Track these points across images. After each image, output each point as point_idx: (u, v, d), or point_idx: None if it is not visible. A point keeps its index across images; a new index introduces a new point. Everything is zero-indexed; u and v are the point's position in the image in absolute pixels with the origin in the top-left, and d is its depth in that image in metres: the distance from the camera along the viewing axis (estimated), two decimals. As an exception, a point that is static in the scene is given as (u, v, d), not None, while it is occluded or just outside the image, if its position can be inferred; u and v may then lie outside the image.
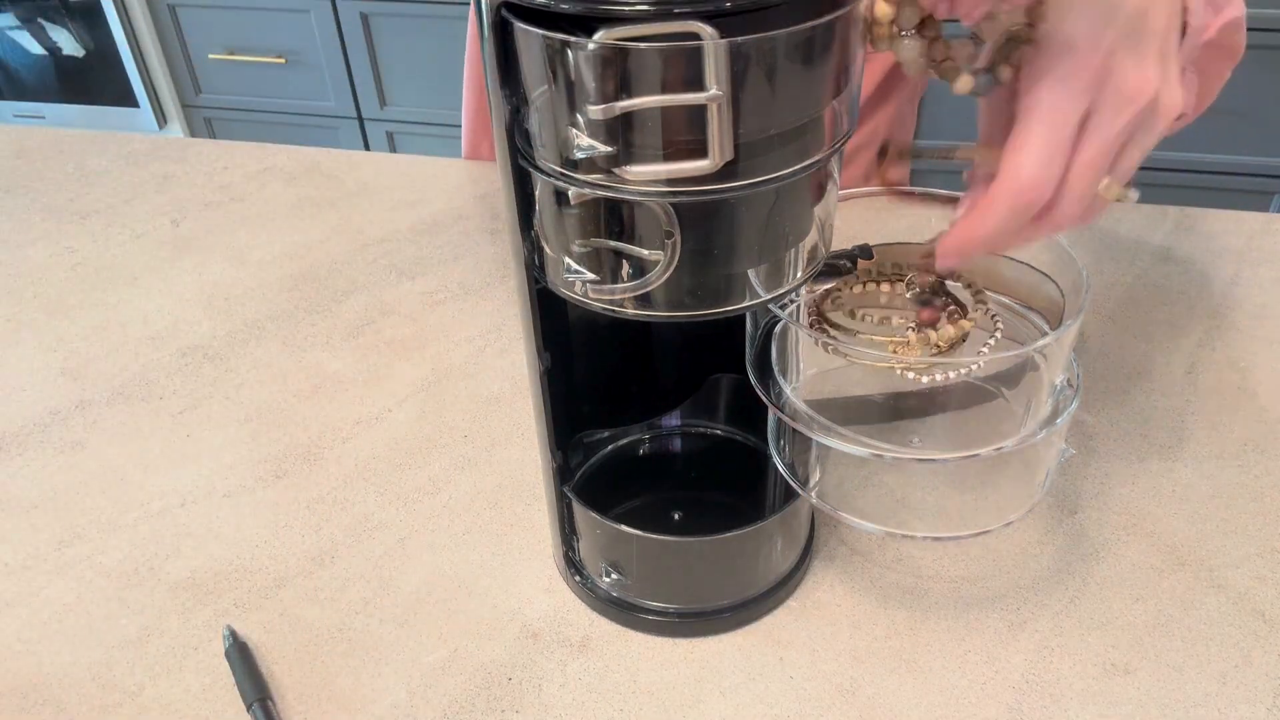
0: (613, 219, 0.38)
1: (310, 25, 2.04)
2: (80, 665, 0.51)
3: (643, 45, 0.32)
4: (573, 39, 0.33)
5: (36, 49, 2.25)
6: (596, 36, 0.32)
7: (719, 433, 0.60)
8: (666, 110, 0.33)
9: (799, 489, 0.49)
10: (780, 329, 0.48)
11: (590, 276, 0.39)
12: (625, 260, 0.38)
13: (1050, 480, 0.49)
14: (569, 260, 0.40)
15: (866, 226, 0.51)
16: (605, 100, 0.33)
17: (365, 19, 2.00)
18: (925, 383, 0.46)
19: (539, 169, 0.38)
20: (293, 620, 0.53)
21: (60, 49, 2.23)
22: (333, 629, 0.52)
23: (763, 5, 0.33)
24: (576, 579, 0.53)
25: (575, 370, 0.51)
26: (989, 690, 0.48)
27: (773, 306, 0.42)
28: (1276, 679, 0.48)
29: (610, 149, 0.34)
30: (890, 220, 0.52)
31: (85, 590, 0.55)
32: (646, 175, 0.35)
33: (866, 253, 0.49)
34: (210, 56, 2.17)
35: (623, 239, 0.38)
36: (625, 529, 0.49)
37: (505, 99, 0.37)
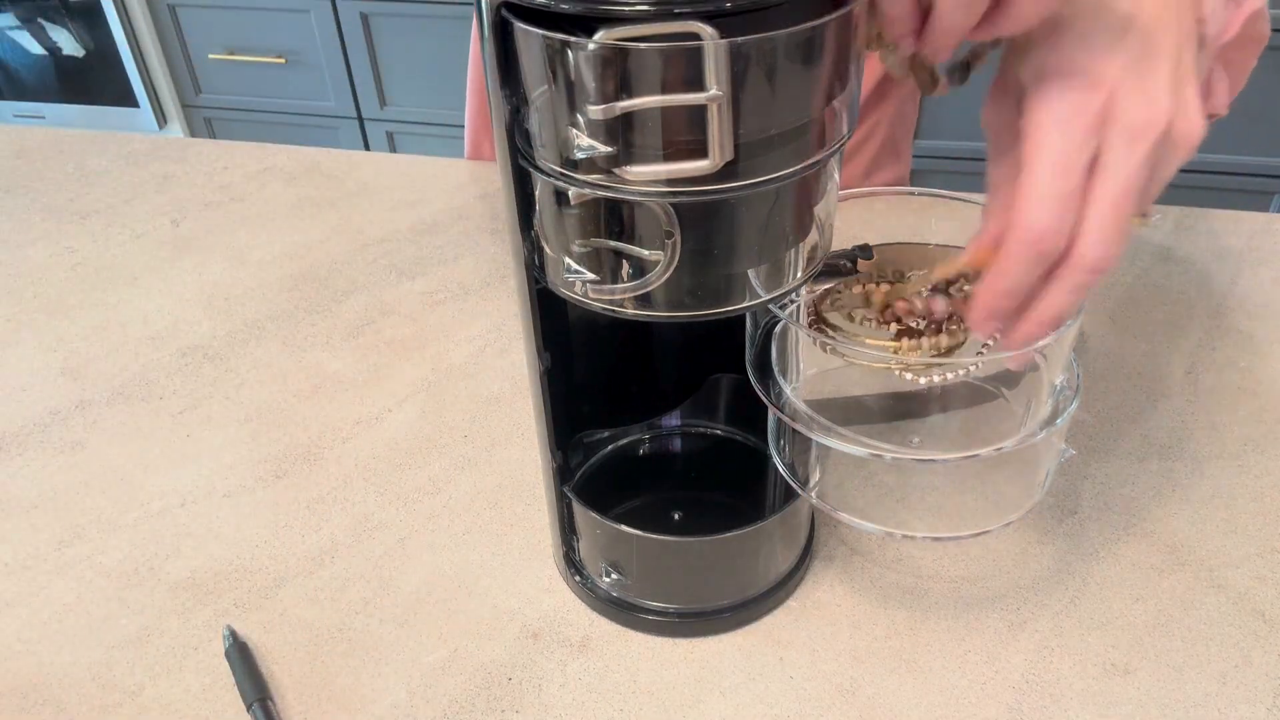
0: (613, 219, 0.37)
1: (310, 25, 2.04)
2: (80, 665, 0.51)
3: (643, 45, 0.32)
4: (573, 39, 0.33)
5: (36, 49, 2.25)
6: (596, 36, 0.32)
7: (719, 433, 0.60)
8: (666, 110, 0.33)
9: (799, 489, 0.49)
10: (780, 329, 0.48)
11: (590, 276, 0.39)
12: (625, 260, 0.38)
13: (1050, 480, 0.49)
14: (569, 260, 0.40)
15: (866, 226, 0.51)
16: (605, 100, 0.33)
17: (365, 19, 2.00)
18: (924, 384, 0.46)
19: (539, 169, 0.38)
20: (293, 620, 0.53)
21: (60, 49, 2.23)
22: (333, 629, 0.52)
23: (763, 5, 0.33)
24: (576, 579, 0.53)
25: (575, 370, 0.51)
26: (989, 690, 0.48)
27: (773, 307, 0.42)
28: (1276, 679, 0.48)
29: (610, 149, 0.34)
30: (890, 220, 0.52)
31: (85, 590, 0.55)
32: (646, 175, 0.35)
33: (866, 253, 0.49)
34: (210, 56, 2.17)
35: (623, 239, 0.38)
36: (625, 529, 0.49)
37: (505, 99, 0.37)
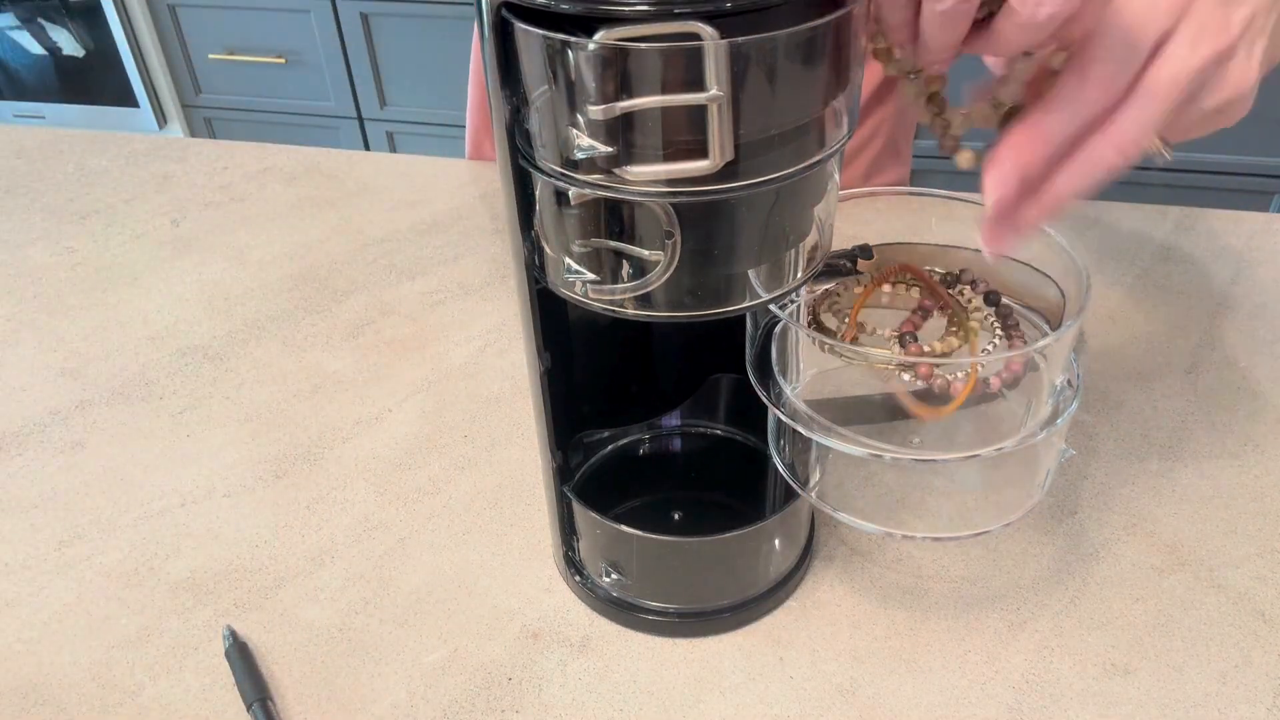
0: (613, 219, 0.37)
1: (310, 25, 2.05)
2: (80, 665, 0.51)
3: (643, 45, 0.32)
4: (573, 39, 0.33)
5: (36, 49, 2.25)
6: (596, 37, 0.32)
7: (719, 433, 0.60)
8: (667, 110, 0.33)
9: (799, 489, 0.49)
10: (780, 329, 0.48)
11: (590, 276, 0.39)
12: (625, 260, 0.38)
13: (1050, 480, 0.49)
14: (569, 260, 0.40)
15: (866, 227, 0.51)
16: (605, 100, 0.33)
17: (365, 19, 2.00)
18: (923, 386, 0.46)
19: (539, 169, 0.38)
20: (293, 620, 0.53)
21: (60, 49, 2.23)
22: (333, 629, 0.52)
23: (763, 5, 0.33)
24: (576, 579, 0.53)
25: (575, 370, 0.51)
26: (989, 690, 0.48)
27: (773, 307, 0.42)
28: (1276, 679, 0.48)
29: (610, 149, 0.34)
30: (890, 220, 0.52)
31: (85, 590, 0.55)
32: (646, 175, 0.35)
33: (866, 253, 0.49)
34: (210, 56, 2.17)
35: (623, 239, 0.38)
36: (625, 529, 0.49)
37: (506, 99, 0.37)
